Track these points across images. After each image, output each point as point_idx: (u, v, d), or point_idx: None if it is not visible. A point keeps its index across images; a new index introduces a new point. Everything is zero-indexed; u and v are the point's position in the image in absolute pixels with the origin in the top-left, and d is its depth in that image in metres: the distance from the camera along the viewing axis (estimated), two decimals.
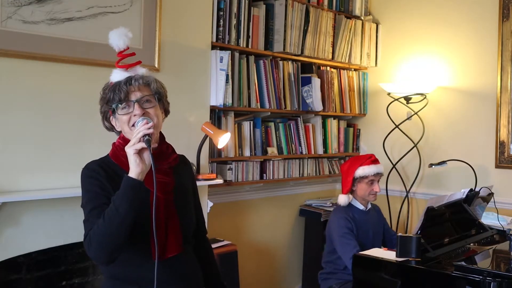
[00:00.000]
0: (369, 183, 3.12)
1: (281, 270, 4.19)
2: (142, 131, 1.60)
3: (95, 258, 1.65)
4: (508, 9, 3.72)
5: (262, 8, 3.64)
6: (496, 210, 3.17)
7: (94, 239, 1.58)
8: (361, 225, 3.11)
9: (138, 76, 1.73)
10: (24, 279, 2.49)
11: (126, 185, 1.57)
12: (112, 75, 1.76)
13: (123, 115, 1.71)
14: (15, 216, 2.42)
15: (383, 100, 4.25)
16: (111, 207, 1.57)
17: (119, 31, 1.76)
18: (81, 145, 2.65)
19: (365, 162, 3.12)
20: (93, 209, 1.64)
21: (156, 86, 1.76)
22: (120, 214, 1.55)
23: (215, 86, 3.28)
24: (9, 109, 2.42)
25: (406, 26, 4.29)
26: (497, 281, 2.11)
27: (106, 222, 1.56)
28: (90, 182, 1.69)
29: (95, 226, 1.58)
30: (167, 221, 1.73)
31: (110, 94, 1.71)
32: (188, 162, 2.01)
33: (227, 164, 3.49)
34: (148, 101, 1.73)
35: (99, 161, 1.77)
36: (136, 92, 1.71)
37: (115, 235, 1.57)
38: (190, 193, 1.92)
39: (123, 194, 1.57)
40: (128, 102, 1.70)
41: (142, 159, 1.59)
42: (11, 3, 2.39)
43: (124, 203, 1.56)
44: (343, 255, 2.97)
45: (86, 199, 1.69)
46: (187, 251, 1.84)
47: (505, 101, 3.73)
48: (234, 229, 3.78)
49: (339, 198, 3.17)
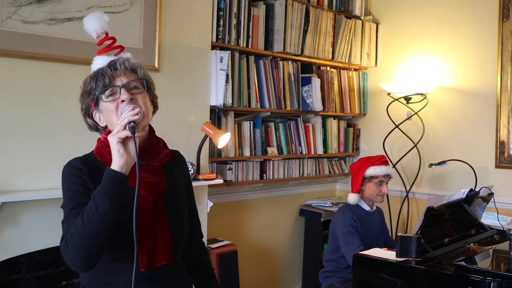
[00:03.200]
0: (378, 183, 3.13)
1: (281, 270, 4.19)
2: (127, 117, 1.42)
3: (70, 262, 1.46)
4: (508, 9, 3.72)
5: (262, 8, 3.64)
6: (496, 210, 3.17)
7: (71, 241, 1.42)
8: (366, 226, 3.11)
9: (123, 60, 1.56)
10: (24, 279, 2.48)
11: (107, 179, 1.40)
12: (93, 63, 1.58)
13: (109, 103, 1.51)
14: (15, 216, 2.42)
15: (383, 100, 4.25)
16: (90, 205, 1.40)
17: (94, 14, 1.61)
18: (81, 145, 2.65)
19: (376, 163, 3.13)
20: (73, 209, 1.49)
21: (143, 73, 1.59)
22: (100, 213, 1.38)
23: (215, 86, 3.28)
24: (9, 109, 2.42)
25: (406, 26, 4.29)
26: (497, 281, 2.11)
27: (84, 221, 1.39)
28: (72, 180, 1.54)
29: (72, 226, 1.42)
30: (156, 225, 1.55)
31: (92, 83, 1.53)
32: (182, 158, 1.81)
33: (227, 164, 3.49)
34: (135, 87, 1.55)
35: (83, 158, 1.60)
36: (121, 77, 1.53)
37: (93, 237, 1.40)
38: (183, 194, 1.73)
39: (103, 189, 1.39)
40: (114, 88, 1.51)
41: (126, 150, 1.42)
42: (11, 3, 2.38)
43: (104, 199, 1.38)
44: (347, 254, 2.97)
45: (67, 198, 1.53)
46: (178, 260, 1.67)
47: (505, 101, 3.74)
48: (234, 229, 3.78)
49: (348, 197, 3.17)
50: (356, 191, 3.15)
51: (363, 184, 3.15)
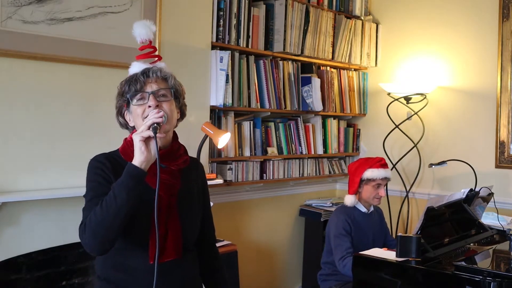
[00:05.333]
0: (375, 186, 3.10)
1: (281, 270, 4.19)
2: (152, 119, 1.56)
3: (86, 245, 1.59)
4: (508, 9, 3.72)
5: (262, 8, 3.64)
6: (496, 210, 3.17)
7: (88, 226, 1.54)
8: (361, 227, 3.10)
9: (156, 68, 1.71)
10: (24, 279, 2.48)
11: (127, 173, 1.53)
12: (131, 67, 1.74)
13: (137, 107, 1.67)
14: (15, 216, 2.42)
15: (383, 100, 4.25)
16: (109, 195, 1.53)
17: (143, 22, 1.76)
18: (81, 145, 2.66)
19: (374, 165, 3.10)
20: (94, 198, 1.61)
21: (173, 82, 1.73)
22: (117, 203, 1.51)
23: (215, 86, 3.28)
24: (9, 109, 2.42)
25: (406, 26, 4.29)
26: (497, 281, 2.11)
27: (103, 209, 1.52)
28: (95, 172, 1.66)
29: (91, 213, 1.55)
30: (168, 223, 1.68)
31: (125, 86, 1.69)
32: (200, 167, 1.94)
33: (227, 164, 3.49)
34: (164, 95, 1.69)
35: (108, 154, 1.73)
36: (152, 84, 1.67)
37: (109, 224, 1.52)
38: (196, 199, 1.84)
39: (122, 181, 1.53)
40: (143, 94, 1.66)
41: (147, 148, 1.55)
42: (11, 3, 2.39)
43: (122, 191, 1.51)
44: (335, 255, 2.97)
45: (89, 187, 1.66)
46: (187, 259, 1.77)
47: (505, 101, 3.73)
48: (234, 229, 3.78)
49: (345, 198, 3.15)
50: (353, 192, 3.12)
51: (360, 186, 3.12)
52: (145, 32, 1.74)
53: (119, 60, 2.73)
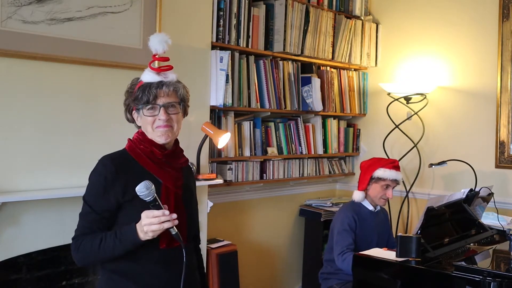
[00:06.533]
0: (384, 186, 3.10)
1: (281, 270, 4.19)
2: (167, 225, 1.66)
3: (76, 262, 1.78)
4: (508, 9, 3.72)
5: (262, 8, 3.64)
6: (496, 210, 3.17)
7: (82, 251, 1.72)
8: (367, 226, 3.10)
9: (169, 83, 1.81)
10: (24, 279, 2.49)
11: (131, 240, 1.68)
12: (144, 74, 1.82)
13: (148, 116, 1.79)
14: (15, 216, 2.42)
15: (383, 100, 4.25)
16: (109, 241, 1.69)
17: (160, 36, 1.85)
18: (81, 145, 2.65)
19: (387, 165, 3.10)
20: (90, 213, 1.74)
21: (182, 93, 1.85)
22: (114, 253, 1.71)
23: (215, 86, 3.28)
24: (9, 109, 2.42)
25: (406, 26, 4.29)
26: (497, 281, 2.11)
27: (100, 250, 1.70)
28: (98, 179, 1.75)
29: (88, 244, 1.71)
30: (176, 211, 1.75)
31: (138, 93, 1.78)
32: (191, 167, 2.11)
33: (227, 164, 3.49)
34: (173, 106, 1.81)
35: (114, 154, 1.82)
36: (164, 97, 1.78)
37: (101, 260, 1.75)
38: (194, 195, 2.01)
39: (124, 244, 1.69)
40: (155, 106, 1.78)
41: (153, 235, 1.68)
42: (11, 3, 2.38)
43: (121, 249, 1.70)
44: (335, 249, 2.98)
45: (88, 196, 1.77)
46: (190, 248, 1.89)
47: (505, 101, 3.73)
48: (234, 229, 3.78)
49: (354, 194, 3.16)
50: (362, 189, 3.14)
51: (369, 183, 3.12)
52: (161, 48, 1.84)
53: (119, 60, 2.72)
